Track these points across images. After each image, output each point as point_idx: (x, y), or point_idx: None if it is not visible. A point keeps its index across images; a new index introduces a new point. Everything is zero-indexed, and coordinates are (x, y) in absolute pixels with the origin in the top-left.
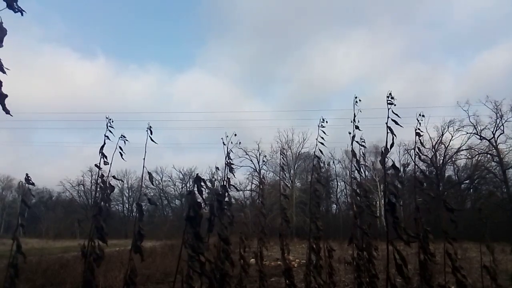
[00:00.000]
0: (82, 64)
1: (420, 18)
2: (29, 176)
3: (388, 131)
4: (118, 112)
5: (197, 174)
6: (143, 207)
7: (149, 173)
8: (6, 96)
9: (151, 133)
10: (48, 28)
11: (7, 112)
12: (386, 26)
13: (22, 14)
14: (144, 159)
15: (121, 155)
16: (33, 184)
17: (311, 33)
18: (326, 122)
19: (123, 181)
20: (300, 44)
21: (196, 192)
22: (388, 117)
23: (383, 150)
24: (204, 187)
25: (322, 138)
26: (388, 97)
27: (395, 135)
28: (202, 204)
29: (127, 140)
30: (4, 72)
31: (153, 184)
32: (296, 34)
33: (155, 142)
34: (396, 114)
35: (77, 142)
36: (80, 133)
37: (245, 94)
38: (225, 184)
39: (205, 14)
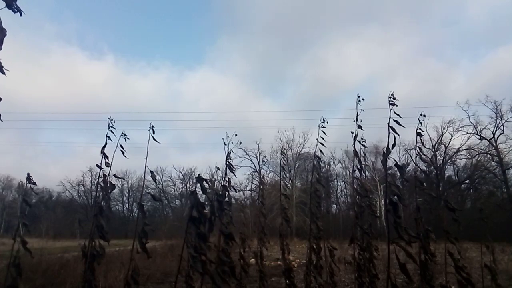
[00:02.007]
0: (90, 63)
1: (434, 16)
2: (30, 176)
3: (390, 131)
4: (127, 112)
5: (199, 174)
6: (144, 207)
7: (151, 171)
8: None
9: (154, 133)
10: (58, 26)
11: None
12: (398, 24)
13: (21, 15)
14: (146, 158)
15: (123, 153)
16: (34, 183)
17: (323, 32)
18: (327, 122)
19: (124, 179)
20: (312, 43)
21: (200, 192)
22: (390, 117)
23: (384, 150)
24: (206, 186)
25: (323, 138)
26: (390, 97)
27: (398, 135)
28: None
29: (128, 138)
30: (3, 73)
31: (155, 182)
32: (308, 33)
33: (158, 142)
34: (398, 115)
35: (82, 142)
36: (86, 133)
37: (255, 93)
38: (225, 184)
39: (216, 12)
